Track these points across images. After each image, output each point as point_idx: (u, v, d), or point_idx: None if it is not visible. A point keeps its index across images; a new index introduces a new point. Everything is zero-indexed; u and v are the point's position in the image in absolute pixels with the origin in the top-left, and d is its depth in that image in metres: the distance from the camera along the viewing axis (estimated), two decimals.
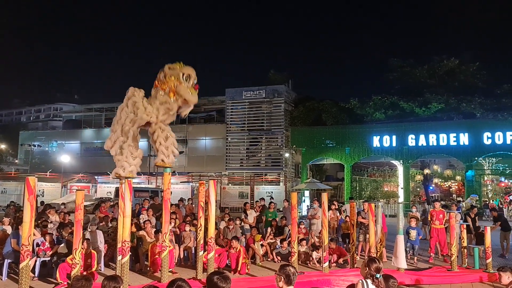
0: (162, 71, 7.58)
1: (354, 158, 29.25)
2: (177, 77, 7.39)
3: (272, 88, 32.14)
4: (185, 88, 7.47)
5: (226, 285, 3.28)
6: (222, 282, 3.26)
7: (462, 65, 28.93)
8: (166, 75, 7.42)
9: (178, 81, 7.42)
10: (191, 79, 7.57)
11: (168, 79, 7.42)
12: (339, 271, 8.95)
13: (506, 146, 25.49)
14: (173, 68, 7.46)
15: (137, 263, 9.61)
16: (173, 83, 7.42)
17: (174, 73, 7.39)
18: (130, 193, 6.93)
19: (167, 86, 7.46)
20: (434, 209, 11.72)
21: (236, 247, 9.30)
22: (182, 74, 7.42)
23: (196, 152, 34.42)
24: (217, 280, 3.26)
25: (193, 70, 7.61)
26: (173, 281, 3.25)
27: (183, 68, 7.47)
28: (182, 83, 7.45)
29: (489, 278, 8.70)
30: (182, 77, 7.45)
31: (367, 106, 29.22)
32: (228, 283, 3.30)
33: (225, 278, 3.31)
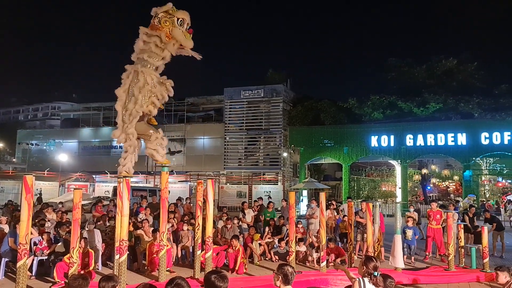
0: (156, 17, 7.43)
1: (352, 157, 29.27)
2: (171, 21, 7.31)
3: (270, 88, 32.15)
4: (181, 32, 7.40)
5: (223, 284, 3.28)
6: (219, 281, 3.26)
7: (460, 65, 28.97)
8: (160, 20, 7.30)
9: (173, 26, 7.33)
10: (184, 23, 7.49)
11: (163, 24, 7.31)
12: (336, 271, 8.95)
13: (503, 146, 25.54)
14: (166, 12, 7.36)
15: (135, 262, 9.60)
16: (168, 28, 7.32)
17: (168, 18, 7.30)
18: (128, 192, 6.92)
19: (162, 31, 7.34)
20: (431, 209, 11.78)
21: (236, 245, 9.33)
22: (177, 18, 7.34)
23: (194, 152, 34.41)
24: (214, 279, 3.26)
25: (187, 13, 7.51)
26: (172, 279, 3.26)
27: (176, 12, 7.38)
28: (177, 27, 7.36)
29: (486, 278, 8.72)
30: (177, 21, 7.37)
31: (365, 106, 29.25)
32: (225, 282, 3.30)
33: (222, 277, 3.32)
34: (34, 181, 6.87)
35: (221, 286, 3.27)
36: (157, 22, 7.32)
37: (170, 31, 7.31)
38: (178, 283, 3.17)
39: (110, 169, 34.24)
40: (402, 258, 9.11)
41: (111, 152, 36.92)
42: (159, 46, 7.46)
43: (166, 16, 7.29)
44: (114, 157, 36.27)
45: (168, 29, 7.29)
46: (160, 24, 7.29)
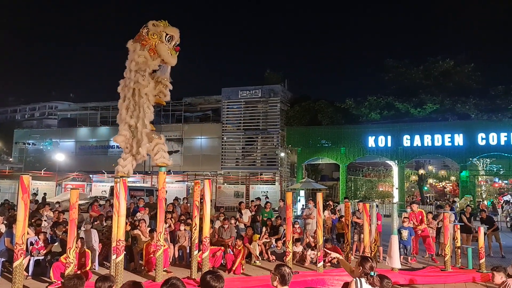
0: (145, 27, 7.31)
1: (349, 158, 29.31)
2: (159, 35, 7.20)
3: (268, 88, 32.16)
4: (166, 49, 7.29)
5: (218, 284, 3.30)
6: (214, 281, 3.28)
7: (457, 66, 29.03)
8: (148, 32, 7.19)
9: (159, 40, 7.22)
10: (173, 40, 7.39)
11: (150, 36, 7.20)
12: (333, 271, 8.98)
13: (500, 147, 25.64)
14: (157, 25, 7.24)
15: (132, 262, 9.60)
16: (154, 42, 7.20)
17: (156, 31, 7.18)
18: (125, 192, 6.91)
19: (147, 43, 7.22)
20: (413, 211, 11.72)
21: (240, 246, 9.37)
22: (166, 34, 7.23)
23: (192, 151, 34.39)
24: (210, 279, 3.29)
25: (177, 31, 7.42)
26: (168, 279, 3.27)
27: (167, 28, 7.28)
28: (164, 43, 7.25)
29: (482, 278, 8.77)
30: (165, 37, 7.27)
31: (363, 107, 29.27)
32: (221, 282, 3.33)
33: (218, 277, 3.34)
34: (31, 181, 6.86)
35: (217, 286, 3.29)
36: (145, 33, 7.23)
37: (156, 45, 7.19)
38: (173, 283, 3.19)
39: (107, 169, 34.18)
40: (398, 258, 9.14)
41: (108, 152, 36.85)
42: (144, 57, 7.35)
43: (156, 29, 7.19)
44: (111, 157, 36.21)
45: (154, 42, 7.18)
46: (147, 35, 7.19)
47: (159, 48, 7.20)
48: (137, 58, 7.16)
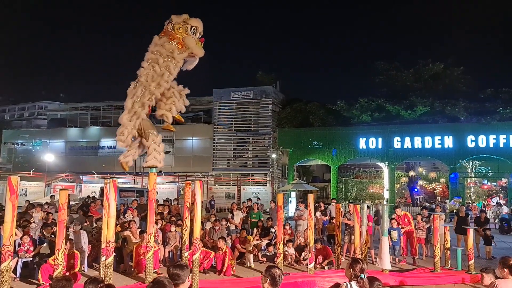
0: (169, 23, 7.44)
1: (340, 159, 29.44)
2: (184, 29, 7.34)
3: (260, 89, 32.17)
4: (193, 40, 7.43)
5: (181, 272, 3.39)
6: (176, 269, 3.38)
7: (447, 69, 29.35)
8: (174, 26, 7.33)
9: (186, 33, 7.36)
10: (197, 31, 7.53)
11: (177, 31, 7.35)
12: (324, 272, 8.99)
13: (489, 149, 25.95)
14: (180, 18, 7.41)
15: (122, 264, 9.52)
16: (181, 35, 7.35)
17: (182, 25, 7.35)
18: (115, 193, 6.85)
19: (175, 37, 7.36)
20: (398, 215, 11.73)
21: (222, 247, 9.28)
22: (191, 26, 7.38)
23: (183, 152, 34.27)
24: (172, 269, 3.41)
25: (200, 22, 7.54)
26: (156, 278, 3.29)
27: (190, 20, 7.42)
28: (190, 35, 7.37)
29: (472, 279, 8.84)
30: (190, 29, 7.40)
31: (354, 109, 29.43)
32: (183, 270, 3.41)
33: (180, 266, 3.45)
34: (19, 182, 6.77)
35: (179, 273, 3.37)
36: (170, 28, 7.35)
37: (183, 39, 7.34)
38: (161, 281, 3.19)
39: (98, 170, 33.92)
40: (389, 259, 9.18)
41: (98, 152, 36.59)
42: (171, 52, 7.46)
43: (180, 23, 7.34)
44: (101, 158, 35.96)
45: (181, 36, 7.32)
46: (173, 30, 7.33)
47: (187, 41, 7.32)
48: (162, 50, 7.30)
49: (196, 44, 7.48)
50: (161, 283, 3.16)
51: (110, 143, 36.45)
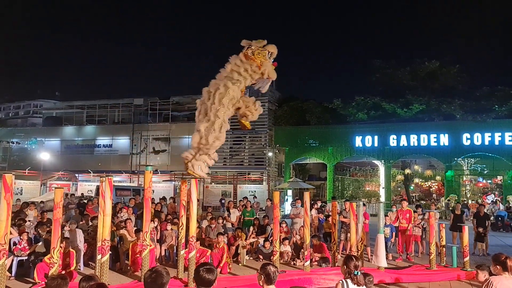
0: (249, 48, 7.99)
1: (336, 157, 29.48)
2: (263, 54, 7.96)
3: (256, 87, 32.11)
4: (270, 65, 8.09)
5: (212, 276, 3.41)
6: (207, 274, 3.38)
7: (443, 68, 29.40)
8: (254, 51, 7.93)
9: (264, 58, 7.97)
10: (272, 56, 8.11)
11: (256, 56, 7.94)
12: (320, 270, 9.02)
13: (484, 147, 26.05)
14: (260, 44, 8.02)
15: (118, 262, 9.50)
16: (260, 60, 7.95)
17: (261, 51, 7.96)
18: (110, 191, 6.84)
19: (254, 62, 7.96)
20: (401, 209, 11.94)
21: (221, 243, 9.35)
22: (268, 52, 8.00)
23: (179, 151, 33.72)
24: (202, 272, 3.39)
25: (276, 48, 8.13)
26: (153, 267, 3.33)
27: (268, 46, 8.03)
28: (267, 60, 8.02)
29: (467, 276, 8.89)
30: (268, 54, 8.02)
31: (350, 107, 29.47)
32: (213, 275, 3.43)
33: (210, 270, 3.44)
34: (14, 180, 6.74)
35: (210, 278, 3.39)
36: (250, 53, 7.99)
37: (261, 63, 7.99)
38: (157, 270, 3.23)
39: (94, 168, 33.82)
40: (385, 257, 9.21)
41: (94, 151, 36.47)
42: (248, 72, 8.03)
43: (260, 49, 7.96)
44: (97, 156, 35.86)
45: (260, 61, 7.97)
46: (253, 55, 7.97)
47: (264, 65, 8.00)
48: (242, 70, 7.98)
49: (272, 68, 8.17)
50: (159, 272, 3.19)
51: (106, 142, 36.35)
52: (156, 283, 3.12)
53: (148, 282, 3.16)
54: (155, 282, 3.13)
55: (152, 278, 3.15)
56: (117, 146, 35.96)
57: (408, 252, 11.47)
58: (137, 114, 36.18)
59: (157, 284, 3.12)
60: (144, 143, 34.80)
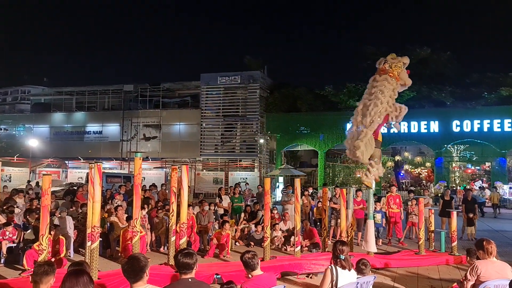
0: (384, 62, 9.16)
1: (328, 144, 29.58)
2: (399, 66, 9.06)
3: (247, 74, 31.95)
4: (406, 74, 9.17)
5: (191, 260, 3.45)
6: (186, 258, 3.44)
7: (434, 54, 29.47)
8: (391, 65, 9.07)
9: (400, 69, 9.06)
10: (405, 65, 9.22)
11: (394, 68, 9.03)
12: (310, 255, 9.08)
13: (473, 134, 26.30)
14: (394, 58, 9.19)
15: (108, 249, 9.50)
16: (397, 71, 9.04)
17: (397, 63, 9.08)
18: (100, 177, 6.76)
19: (393, 74, 9.03)
20: (391, 194, 12.08)
21: (227, 229, 9.54)
22: (403, 63, 9.13)
23: (170, 138, 34.04)
24: (180, 257, 3.46)
25: (408, 59, 9.32)
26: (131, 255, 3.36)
27: (403, 58, 9.20)
28: (403, 70, 9.12)
29: (455, 261, 9.03)
30: (403, 66, 9.12)
31: (341, 94, 29.49)
32: (193, 258, 3.47)
33: (188, 254, 3.49)
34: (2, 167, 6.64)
35: (188, 262, 3.43)
36: (388, 67, 9.08)
37: (398, 74, 9.05)
38: (134, 256, 3.25)
39: (83, 155, 33.57)
40: (374, 242, 9.31)
41: (84, 137, 36.12)
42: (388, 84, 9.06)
43: (396, 62, 9.08)
44: (87, 143, 35.56)
45: (397, 72, 9.03)
46: (391, 68, 9.06)
47: (402, 75, 9.08)
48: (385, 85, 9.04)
49: (407, 76, 9.22)
50: (135, 258, 3.19)
51: (96, 128, 36.02)
52: (134, 269, 3.10)
53: (126, 269, 3.15)
54: (132, 268, 3.11)
55: (129, 265, 3.14)
56: (107, 133, 35.67)
57: (398, 237, 11.64)
58: (127, 101, 35.82)
59: (135, 270, 3.10)
60: (135, 130, 34.55)
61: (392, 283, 7.56)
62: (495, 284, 4.75)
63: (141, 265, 3.11)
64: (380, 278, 7.71)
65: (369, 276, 5.19)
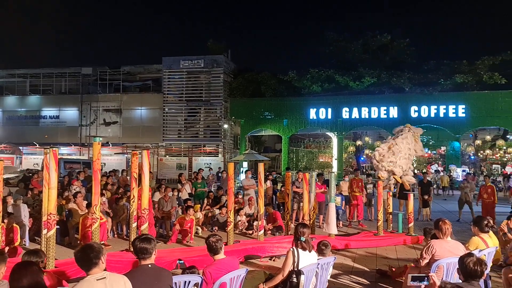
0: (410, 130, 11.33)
1: (291, 129, 29.85)
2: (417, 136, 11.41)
3: (210, 58, 31.52)
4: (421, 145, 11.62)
5: (148, 245, 3.46)
6: (144, 243, 3.45)
7: (394, 41, 30.14)
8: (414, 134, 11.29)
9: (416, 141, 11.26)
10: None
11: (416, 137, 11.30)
12: (273, 239, 9.19)
13: (430, 119, 27.29)
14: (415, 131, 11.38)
15: (67, 237, 9.22)
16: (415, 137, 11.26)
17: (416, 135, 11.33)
18: (55, 163, 6.49)
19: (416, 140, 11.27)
20: (355, 178, 12.51)
21: (191, 214, 9.47)
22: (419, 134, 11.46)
23: (131, 123, 33.21)
24: (138, 242, 3.48)
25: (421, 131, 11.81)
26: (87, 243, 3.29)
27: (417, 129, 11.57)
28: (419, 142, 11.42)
29: (412, 241, 9.42)
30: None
31: (305, 79, 29.69)
32: (151, 243, 3.49)
33: (146, 239, 3.49)
34: None
35: (146, 246, 3.44)
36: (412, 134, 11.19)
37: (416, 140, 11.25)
38: (87, 244, 3.19)
39: (39, 141, 32.23)
40: (335, 225, 9.54)
41: (40, 122, 34.58)
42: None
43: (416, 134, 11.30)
44: (43, 128, 34.10)
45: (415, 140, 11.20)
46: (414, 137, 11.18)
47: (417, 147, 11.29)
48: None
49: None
50: (89, 246, 3.11)
51: (53, 113, 34.57)
52: (87, 257, 3.01)
53: (78, 257, 3.05)
54: (86, 256, 3.02)
55: (82, 253, 3.05)
56: (64, 118, 34.31)
57: (359, 219, 12.03)
58: (85, 84, 34.51)
59: (88, 258, 3.00)
60: (94, 114, 33.45)
61: (352, 263, 7.79)
62: (448, 262, 4.98)
63: (94, 252, 3.02)
64: (340, 259, 7.92)
65: (330, 257, 5.31)
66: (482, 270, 3.43)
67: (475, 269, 3.40)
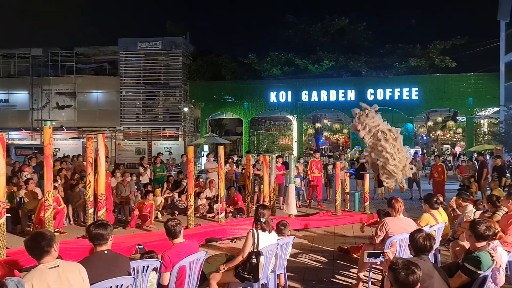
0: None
1: (252, 113, 29.89)
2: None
3: (169, 40, 30.73)
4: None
5: (104, 231, 3.39)
6: (99, 229, 3.39)
7: (351, 25, 30.62)
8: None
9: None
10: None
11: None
12: (234, 221, 9.26)
13: (385, 102, 28.04)
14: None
15: (19, 225, 8.86)
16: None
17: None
18: (3, 149, 6.16)
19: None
20: (314, 159, 12.84)
21: (150, 199, 9.41)
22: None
23: (87, 106, 31.98)
24: (92, 228, 3.40)
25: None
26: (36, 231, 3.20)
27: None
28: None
29: (367, 219, 9.78)
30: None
31: (265, 62, 29.69)
32: (107, 229, 3.43)
33: (102, 225, 3.43)
34: None
35: (101, 232, 3.37)
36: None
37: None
38: (38, 231, 3.10)
39: None
40: (295, 205, 9.74)
41: None
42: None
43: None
44: None
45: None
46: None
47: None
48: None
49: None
50: (40, 234, 3.02)
51: (1, 96, 32.69)
52: (38, 245, 2.91)
53: (29, 246, 2.95)
54: (36, 244, 2.92)
55: (32, 241, 2.95)
56: (14, 101, 32.53)
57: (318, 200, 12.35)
58: (36, 66, 32.75)
59: (39, 246, 2.91)
60: (46, 97, 31.92)
61: (311, 243, 7.99)
62: (400, 238, 5.21)
63: (46, 240, 2.91)
64: (300, 238, 8.11)
65: (289, 237, 5.42)
66: (431, 244, 3.60)
67: (424, 244, 3.57)
